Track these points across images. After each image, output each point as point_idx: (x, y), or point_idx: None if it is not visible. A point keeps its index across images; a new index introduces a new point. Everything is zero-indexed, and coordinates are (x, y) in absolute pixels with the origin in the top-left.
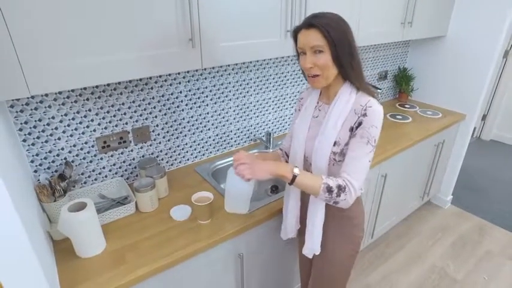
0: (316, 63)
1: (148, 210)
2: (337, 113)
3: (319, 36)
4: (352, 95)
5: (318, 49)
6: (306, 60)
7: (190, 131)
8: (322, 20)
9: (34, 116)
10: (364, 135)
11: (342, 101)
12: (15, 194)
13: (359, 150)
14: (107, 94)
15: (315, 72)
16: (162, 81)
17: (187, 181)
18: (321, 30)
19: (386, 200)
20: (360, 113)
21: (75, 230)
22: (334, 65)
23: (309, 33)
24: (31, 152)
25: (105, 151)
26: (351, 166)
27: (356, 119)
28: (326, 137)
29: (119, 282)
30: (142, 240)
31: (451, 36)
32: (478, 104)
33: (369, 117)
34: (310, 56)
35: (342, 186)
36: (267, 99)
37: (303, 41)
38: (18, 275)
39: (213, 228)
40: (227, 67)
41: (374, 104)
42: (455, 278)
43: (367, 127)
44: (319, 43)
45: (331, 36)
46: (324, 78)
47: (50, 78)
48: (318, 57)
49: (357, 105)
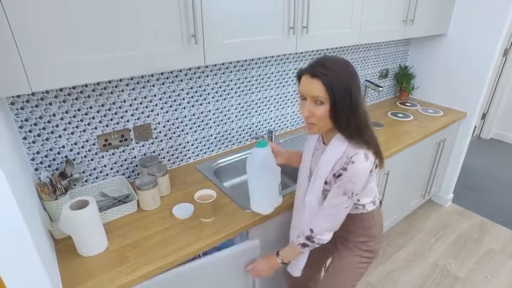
0: (314, 114)
1: (150, 209)
2: (329, 157)
3: (322, 88)
4: (344, 144)
5: (318, 100)
6: (304, 107)
7: (192, 129)
8: (328, 71)
9: (35, 113)
10: (341, 186)
11: (333, 148)
12: (17, 191)
13: (336, 199)
14: (108, 91)
15: (312, 121)
16: (164, 79)
17: (189, 179)
18: (324, 82)
19: (389, 198)
20: (343, 165)
21: (77, 228)
22: (330, 119)
23: (313, 83)
24: (32, 150)
25: (107, 149)
26: (324, 210)
27: (338, 169)
28: (320, 176)
29: (121, 281)
30: (145, 239)
31: (452, 34)
32: (478, 102)
33: (348, 172)
34: (310, 104)
35: (309, 236)
36: (269, 97)
37: (305, 88)
38: (20, 272)
39: (217, 226)
40: (229, 64)
41: (357, 160)
42: (457, 276)
43: (345, 180)
44: (321, 95)
45: (334, 92)
46: (318, 128)
47: (52, 74)
48: (317, 108)
49: (344, 156)
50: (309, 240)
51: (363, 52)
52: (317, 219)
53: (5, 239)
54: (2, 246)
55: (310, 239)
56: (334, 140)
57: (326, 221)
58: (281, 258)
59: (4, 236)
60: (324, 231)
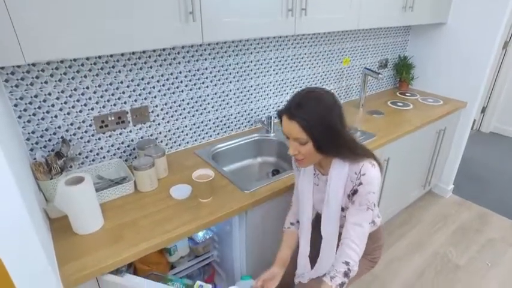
0: (300, 151)
1: (147, 190)
2: (336, 185)
3: (301, 130)
4: (345, 164)
5: (300, 140)
6: (290, 146)
7: (190, 113)
8: (305, 114)
9: (30, 91)
10: (362, 203)
11: (337, 172)
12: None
13: (360, 217)
14: (105, 72)
15: (300, 157)
16: (162, 61)
17: (188, 163)
18: (301, 123)
19: (389, 187)
20: (354, 181)
21: (73, 204)
22: (317, 153)
23: (291, 125)
24: (27, 129)
25: (103, 131)
26: (353, 233)
27: (352, 187)
28: (333, 208)
29: (117, 257)
30: (141, 218)
31: (451, 24)
32: (479, 91)
33: (364, 185)
34: (293, 143)
35: (346, 272)
36: (268, 83)
37: (286, 129)
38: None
39: (214, 206)
40: (227, 48)
41: (367, 170)
42: (458, 264)
43: (363, 194)
44: (301, 136)
45: (313, 133)
46: (308, 161)
47: (46, 46)
48: (302, 147)
49: (351, 172)
50: (347, 276)
51: (362, 41)
52: (348, 250)
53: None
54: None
55: (347, 275)
56: (334, 165)
57: (355, 245)
58: None
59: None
60: (357, 257)
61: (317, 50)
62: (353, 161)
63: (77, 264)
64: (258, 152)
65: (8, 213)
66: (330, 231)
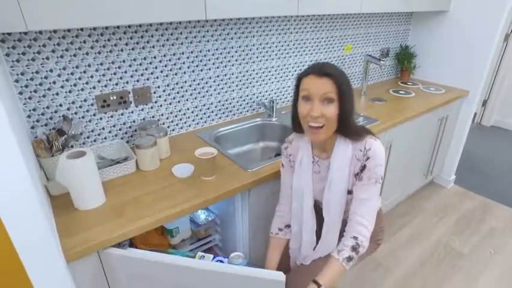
0: (324, 114)
1: (149, 169)
2: (341, 166)
3: (333, 86)
4: (348, 143)
5: (329, 98)
6: (313, 107)
7: (192, 95)
8: (334, 70)
9: (31, 67)
10: (371, 177)
11: (341, 152)
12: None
13: (369, 192)
14: (107, 50)
15: (321, 122)
16: (164, 40)
17: (190, 145)
18: (334, 80)
19: (392, 175)
20: (361, 158)
21: (74, 178)
22: (336, 119)
23: (322, 82)
24: (28, 106)
25: (105, 111)
26: (363, 208)
27: (360, 165)
28: (337, 191)
29: (118, 231)
30: (143, 195)
31: (453, 12)
32: (481, 80)
33: (372, 158)
34: (318, 105)
35: (354, 246)
36: (270, 67)
37: (312, 87)
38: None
39: (217, 184)
40: (230, 30)
41: (372, 144)
42: (461, 252)
43: (372, 168)
44: (331, 94)
45: (342, 90)
46: (327, 130)
47: (47, 14)
48: (327, 108)
49: (356, 151)
50: (355, 251)
51: (364, 28)
52: (357, 225)
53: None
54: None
55: (356, 249)
56: (338, 144)
57: (365, 221)
58: (323, 286)
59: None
60: (367, 233)
61: (319, 36)
62: (356, 138)
63: (78, 238)
64: (261, 136)
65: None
66: (333, 216)
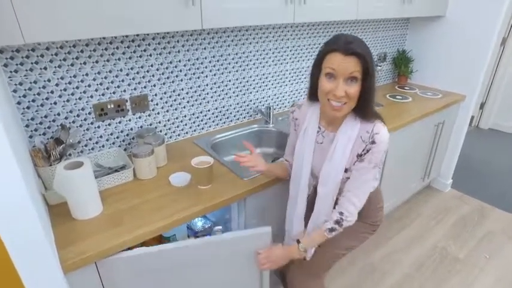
0: (348, 92)
1: (146, 177)
2: (345, 142)
3: (359, 66)
4: (357, 122)
5: (354, 77)
6: (338, 87)
7: (189, 103)
8: (362, 48)
9: (29, 77)
10: (372, 161)
11: (348, 129)
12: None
13: (367, 174)
14: (104, 59)
15: (344, 100)
16: (161, 49)
17: (187, 152)
18: (361, 59)
19: (389, 179)
20: (367, 140)
21: (71, 188)
22: (357, 99)
23: (349, 60)
24: (26, 115)
25: (102, 119)
26: (358, 189)
27: (364, 147)
28: (336, 164)
29: (116, 241)
30: (141, 204)
31: (450, 17)
32: (478, 84)
33: (377, 144)
34: (342, 83)
35: (338, 220)
36: (267, 74)
37: (339, 66)
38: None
39: (214, 193)
40: (226, 38)
41: (380, 130)
42: (457, 257)
43: (375, 153)
44: (357, 73)
45: (368, 69)
46: (348, 108)
47: (44, 27)
48: (351, 87)
49: (363, 131)
50: (338, 224)
51: (361, 34)
52: (346, 202)
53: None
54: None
55: (339, 223)
56: (348, 121)
57: (358, 200)
58: (303, 246)
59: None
60: (354, 210)
61: (316, 42)
62: (368, 119)
63: (75, 248)
64: (258, 143)
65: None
66: (327, 192)
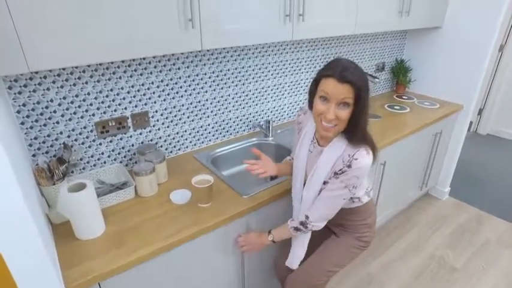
0: (338, 116)
1: (147, 195)
2: (328, 159)
3: (352, 93)
4: (343, 144)
5: (346, 102)
6: (329, 110)
7: (190, 118)
8: (355, 77)
9: (32, 98)
10: (344, 181)
11: (333, 149)
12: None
13: (337, 191)
14: (106, 78)
15: (334, 123)
16: (162, 66)
17: (187, 167)
18: (354, 87)
19: (386, 189)
20: (346, 162)
21: (75, 210)
22: (347, 121)
23: (342, 87)
24: (29, 135)
25: (104, 136)
26: (325, 198)
27: (341, 167)
28: (317, 177)
29: (119, 262)
30: (142, 223)
31: (447, 27)
32: (475, 94)
33: (352, 169)
34: (334, 108)
35: (303, 222)
36: (266, 87)
37: (333, 91)
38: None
39: (214, 211)
40: (226, 53)
41: (360, 156)
42: (454, 266)
43: (349, 176)
44: (349, 100)
45: (360, 97)
46: (337, 130)
47: (49, 55)
48: (342, 111)
49: (346, 153)
50: (303, 225)
51: (359, 45)
52: (314, 208)
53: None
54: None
55: (304, 225)
56: (336, 141)
57: (324, 210)
58: (272, 236)
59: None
60: (320, 219)
61: (315, 54)
62: (353, 143)
63: (79, 269)
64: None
65: (11, 218)
66: (309, 197)
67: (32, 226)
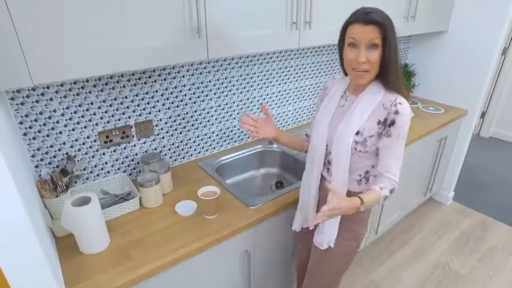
0: (369, 59)
1: (152, 206)
2: (365, 104)
3: (378, 32)
4: (381, 89)
5: (374, 44)
6: (360, 54)
7: (194, 126)
8: (380, 16)
9: (35, 109)
10: (400, 135)
11: (371, 93)
12: (20, 187)
13: (399, 150)
14: (109, 87)
15: (365, 68)
16: (166, 74)
17: (192, 176)
18: (379, 27)
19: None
20: (389, 108)
21: (79, 225)
22: (379, 64)
23: (368, 29)
24: (32, 146)
25: (108, 146)
26: (394, 166)
27: (385, 114)
28: (350, 125)
29: (125, 279)
30: (148, 236)
31: (452, 31)
32: (479, 99)
33: (402, 115)
34: (364, 51)
35: (392, 189)
36: (271, 93)
37: (359, 34)
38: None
39: (220, 224)
40: (231, 61)
41: (404, 102)
42: (460, 273)
43: (401, 126)
44: (377, 40)
45: (388, 35)
46: (370, 74)
47: (53, 67)
48: (371, 53)
49: (385, 99)
50: (391, 192)
51: None
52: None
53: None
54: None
55: (392, 191)
56: (372, 86)
57: (396, 177)
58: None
59: (8, 231)
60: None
61: (320, 60)
62: (390, 87)
63: (84, 286)
64: (261, 163)
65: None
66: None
67: (34, 240)
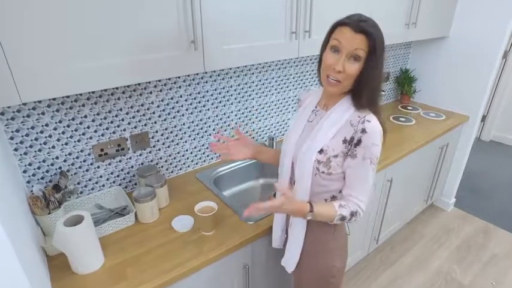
0: (346, 70)
1: (148, 221)
2: (333, 121)
3: (365, 45)
4: (351, 106)
5: (357, 55)
6: (338, 60)
7: (191, 137)
8: (374, 28)
9: (26, 123)
10: (366, 156)
11: (341, 109)
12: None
13: (364, 172)
14: (103, 99)
15: (339, 78)
16: (162, 85)
17: (189, 189)
18: (369, 40)
19: (392, 205)
20: (356, 125)
21: (72, 245)
22: (354, 79)
23: (357, 38)
24: (23, 161)
25: (102, 159)
26: (359, 189)
27: (352, 133)
28: (314, 143)
29: None
30: (143, 254)
31: (453, 37)
32: (481, 105)
33: (369, 134)
34: (344, 59)
35: (354, 212)
36: (269, 102)
37: (346, 41)
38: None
39: (217, 240)
40: (229, 70)
41: (373, 119)
42: (462, 283)
43: (368, 146)
44: (361, 52)
45: (374, 50)
46: (342, 86)
47: (42, 84)
48: (351, 65)
49: (354, 116)
50: (353, 216)
51: None
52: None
53: None
54: None
55: (354, 215)
56: (342, 103)
57: (362, 203)
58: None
59: None
60: (364, 209)
61: None
62: (360, 107)
63: None
64: (260, 173)
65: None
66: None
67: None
